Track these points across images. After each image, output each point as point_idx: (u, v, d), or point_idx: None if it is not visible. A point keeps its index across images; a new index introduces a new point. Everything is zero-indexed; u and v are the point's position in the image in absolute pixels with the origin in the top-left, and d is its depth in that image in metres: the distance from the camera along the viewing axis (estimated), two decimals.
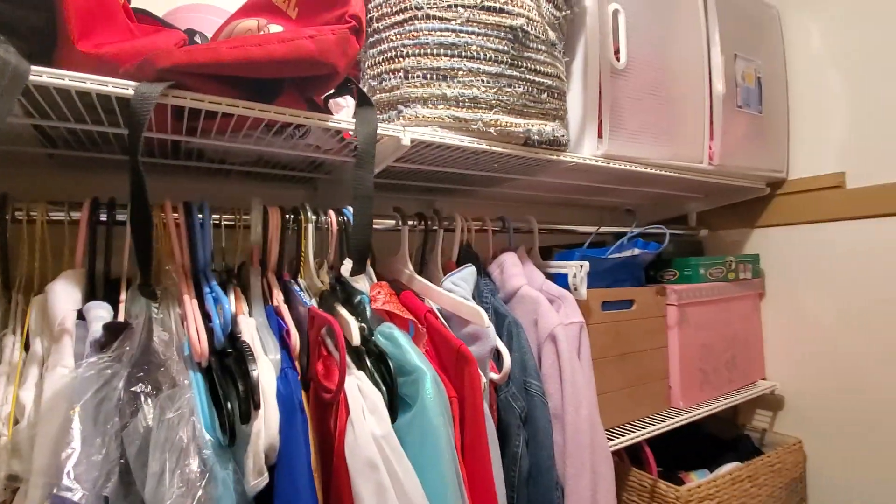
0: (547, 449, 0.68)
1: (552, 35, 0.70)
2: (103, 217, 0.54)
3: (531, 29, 0.65)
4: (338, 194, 0.89)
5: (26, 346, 0.46)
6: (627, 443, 0.88)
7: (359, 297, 0.64)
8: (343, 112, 0.69)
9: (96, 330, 0.44)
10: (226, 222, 0.63)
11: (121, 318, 0.49)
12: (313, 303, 0.60)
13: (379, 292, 0.64)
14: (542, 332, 0.71)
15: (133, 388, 0.40)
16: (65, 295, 0.46)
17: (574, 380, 0.69)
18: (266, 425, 0.44)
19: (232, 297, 0.54)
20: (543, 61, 0.69)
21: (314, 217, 0.66)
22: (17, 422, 0.39)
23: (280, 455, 0.44)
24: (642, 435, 0.89)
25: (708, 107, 0.98)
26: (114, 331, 0.44)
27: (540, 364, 0.72)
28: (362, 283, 0.68)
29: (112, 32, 0.46)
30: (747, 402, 1.17)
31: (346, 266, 0.65)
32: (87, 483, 0.32)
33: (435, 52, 0.62)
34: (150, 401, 0.41)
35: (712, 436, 1.20)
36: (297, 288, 0.63)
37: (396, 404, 0.53)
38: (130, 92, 0.43)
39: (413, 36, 0.62)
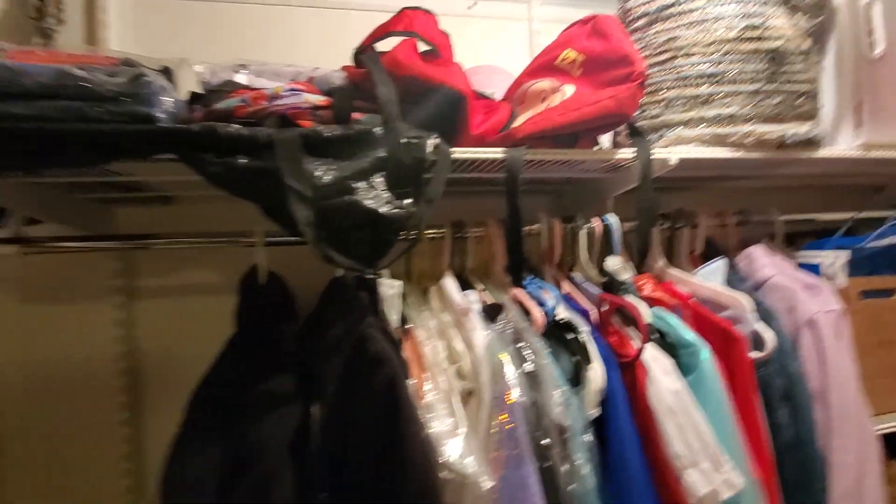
0: (807, 423, 0.75)
1: (807, 44, 0.75)
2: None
3: (788, 47, 0.72)
4: (580, 200, 1.07)
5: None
6: (886, 430, 0.87)
7: (625, 287, 0.81)
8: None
9: (478, 308, 0.70)
10: None
11: (482, 302, 0.75)
12: (597, 291, 0.79)
13: (645, 282, 0.80)
14: (799, 318, 0.78)
15: (517, 346, 0.64)
16: (454, 286, 0.74)
17: (837, 363, 0.75)
18: (597, 374, 0.64)
19: (553, 287, 0.76)
20: (798, 70, 0.75)
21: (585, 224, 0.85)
22: (453, 361, 0.66)
23: (606, 396, 0.64)
24: None
25: None
26: (494, 309, 0.69)
27: (796, 348, 0.79)
28: (625, 275, 0.84)
29: (476, 116, 0.71)
30: None
31: (611, 261, 0.82)
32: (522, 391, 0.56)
33: (695, 83, 0.74)
34: (525, 353, 0.64)
35: None
36: (579, 280, 0.83)
37: (679, 370, 0.68)
38: (501, 155, 0.67)
39: (675, 72, 0.75)
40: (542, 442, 0.58)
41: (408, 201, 0.61)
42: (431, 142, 0.63)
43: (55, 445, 0.93)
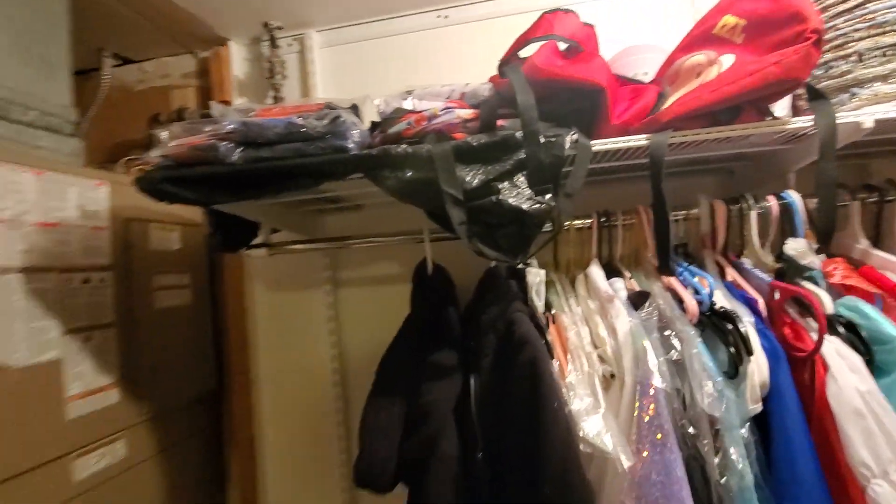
0: None
1: None
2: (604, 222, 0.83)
3: None
4: (756, 177, 0.96)
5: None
6: None
7: (809, 273, 0.71)
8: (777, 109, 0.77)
9: (623, 296, 0.72)
10: (676, 217, 0.83)
11: (628, 290, 0.75)
12: (770, 278, 0.72)
13: (835, 268, 0.69)
14: None
15: (665, 333, 0.64)
16: (599, 274, 0.76)
17: None
18: (758, 367, 0.59)
19: (713, 274, 0.73)
20: None
21: (756, 204, 0.77)
22: (595, 346, 0.70)
23: (771, 391, 0.59)
24: None
25: None
26: (640, 297, 0.69)
27: None
28: (809, 260, 0.74)
29: (620, 105, 0.72)
30: None
31: (793, 244, 0.73)
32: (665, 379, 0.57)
33: (894, 28, 0.61)
34: (672, 341, 0.64)
35: None
36: (746, 266, 0.76)
37: (871, 369, 0.59)
38: (643, 142, 0.67)
39: (867, 19, 0.64)
40: (689, 430, 0.57)
41: (548, 196, 0.66)
42: (570, 138, 0.67)
43: (290, 391, 1.25)
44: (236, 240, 0.98)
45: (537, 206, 0.65)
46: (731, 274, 0.75)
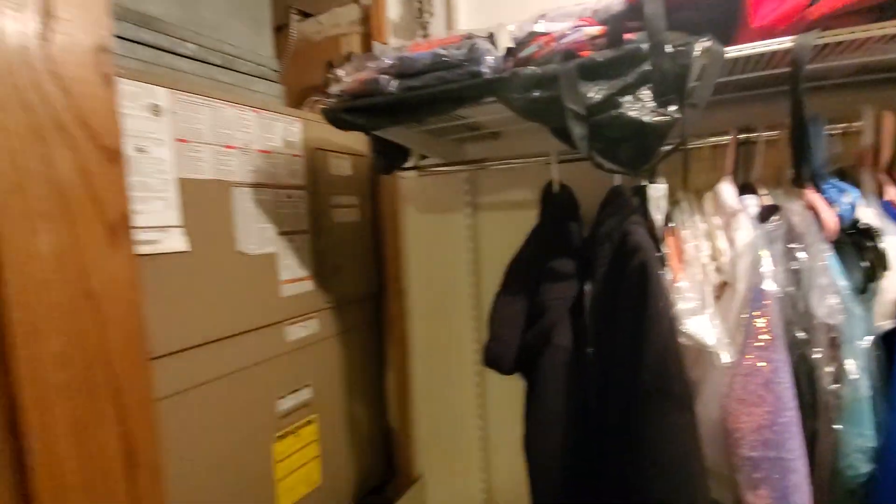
0: None
1: None
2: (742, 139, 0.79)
3: None
4: None
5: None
6: None
7: None
8: None
9: (753, 211, 0.70)
10: (832, 131, 0.75)
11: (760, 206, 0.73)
12: None
13: None
14: None
15: (789, 245, 0.63)
16: (728, 190, 0.75)
17: None
18: (891, 284, 0.56)
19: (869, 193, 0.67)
20: None
21: None
22: (713, 259, 0.71)
23: None
24: None
25: None
26: (769, 211, 0.68)
27: None
28: None
29: (767, 5, 0.67)
30: None
31: None
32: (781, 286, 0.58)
33: None
34: (797, 253, 0.63)
35: None
36: None
37: None
38: (788, 45, 0.63)
39: None
40: (800, 336, 0.58)
41: (672, 108, 0.68)
42: (701, 45, 0.66)
43: (434, 295, 1.47)
44: (392, 163, 1.16)
45: (660, 118, 0.67)
46: (892, 193, 0.67)
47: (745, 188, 0.78)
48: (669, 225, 0.77)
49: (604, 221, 0.81)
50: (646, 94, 0.69)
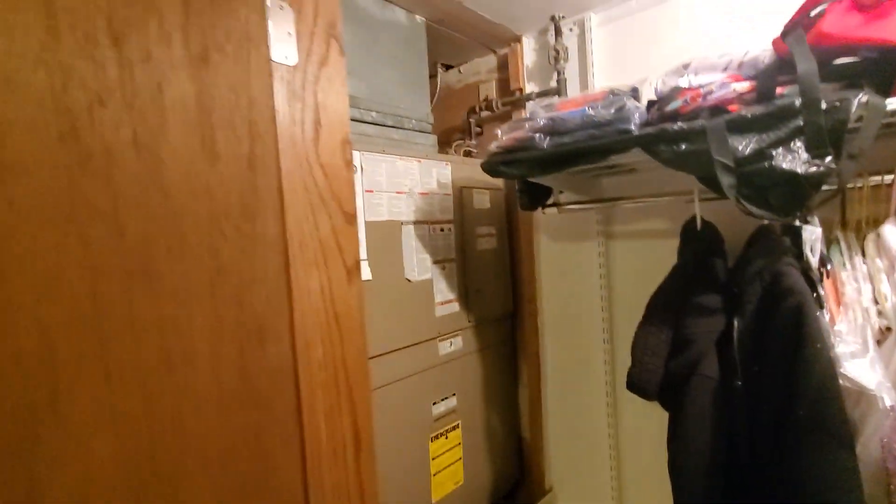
0: None
1: None
2: None
3: None
4: None
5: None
6: None
7: None
8: None
9: None
10: None
11: None
12: None
13: None
14: None
15: None
16: (893, 232, 0.75)
17: None
18: None
19: None
20: None
21: None
22: (875, 303, 0.72)
23: None
24: None
25: None
26: None
27: None
28: None
29: None
30: None
31: None
32: None
33: None
34: None
35: None
36: None
37: None
38: None
39: None
40: None
41: (828, 159, 0.71)
42: (857, 100, 0.69)
43: (566, 318, 1.56)
44: (535, 202, 1.30)
45: (814, 168, 0.72)
46: None
47: None
48: (827, 267, 0.79)
49: (752, 260, 0.86)
50: (798, 146, 0.73)
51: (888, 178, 0.80)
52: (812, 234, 0.79)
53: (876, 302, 0.71)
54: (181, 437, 0.59)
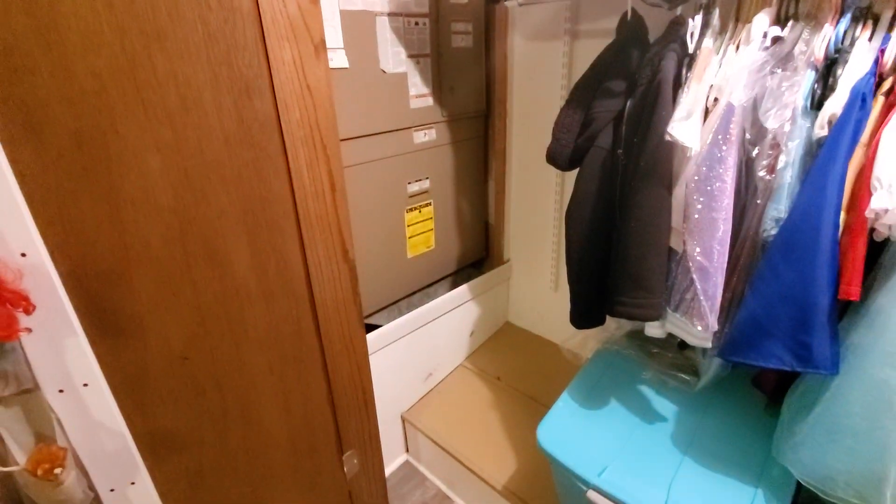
0: None
1: None
2: None
3: None
4: None
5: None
6: None
7: None
8: None
9: (763, 41, 0.87)
10: None
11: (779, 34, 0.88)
12: None
13: None
14: None
15: (776, 70, 0.82)
16: (761, 21, 0.90)
17: None
18: (834, 104, 0.76)
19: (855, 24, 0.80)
20: None
21: None
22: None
23: (836, 123, 0.76)
24: None
25: None
26: (774, 41, 0.85)
27: None
28: None
29: None
30: None
31: None
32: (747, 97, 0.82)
33: None
34: (775, 72, 0.82)
35: None
36: None
37: None
38: None
39: None
40: (747, 136, 0.83)
41: None
42: None
43: (531, 115, 1.77)
44: None
45: None
46: None
47: (787, 20, 0.91)
48: (699, 50, 0.95)
49: (652, 48, 1.02)
50: None
51: None
52: (694, 23, 0.94)
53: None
54: (203, 161, 0.87)
